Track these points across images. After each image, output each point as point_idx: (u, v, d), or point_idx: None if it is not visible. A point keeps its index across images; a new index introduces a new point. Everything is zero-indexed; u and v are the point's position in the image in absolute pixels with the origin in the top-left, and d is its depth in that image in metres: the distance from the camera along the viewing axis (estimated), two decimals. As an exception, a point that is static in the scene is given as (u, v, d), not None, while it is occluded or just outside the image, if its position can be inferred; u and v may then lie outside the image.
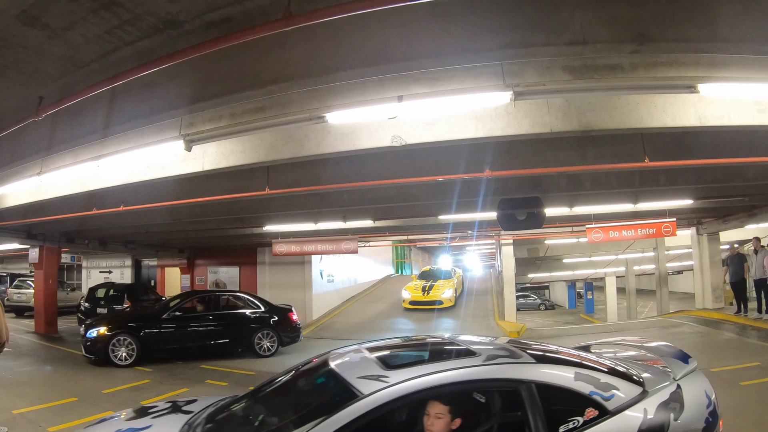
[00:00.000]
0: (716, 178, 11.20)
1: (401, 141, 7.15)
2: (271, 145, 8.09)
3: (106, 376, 12.10)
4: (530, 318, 41.25)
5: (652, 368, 4.67)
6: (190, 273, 28.08)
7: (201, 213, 14.11)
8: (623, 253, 31.81)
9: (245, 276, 26.34)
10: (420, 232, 21.96)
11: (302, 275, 24.18)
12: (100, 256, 30.72)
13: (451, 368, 3.98)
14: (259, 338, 15.13)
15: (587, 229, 16.53)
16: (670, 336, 15.80)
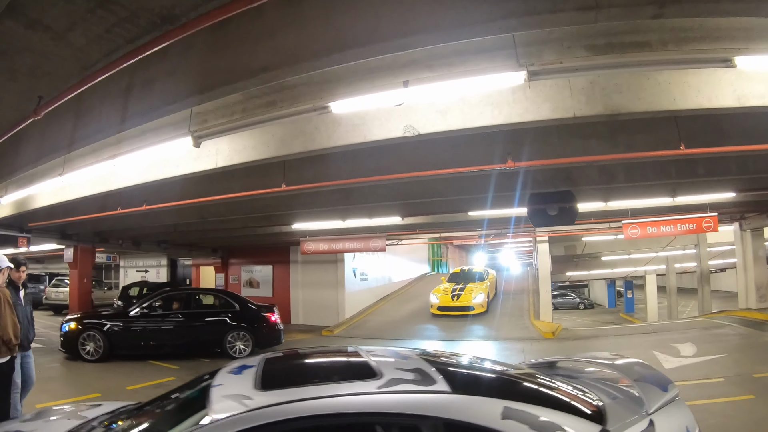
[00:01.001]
0: (760, 167, 10.53)
1: (414, 131, 6.81)
2: (281, 139, 7.95)
3: (132, 374, 12.29)
4: (568, 317, 40.77)
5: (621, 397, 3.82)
6: (224, 272, 28.26)
7: (226, 212, 14.09)
8: (663, 250, 31.02)
9: (278, 275, 26.34)
10: (452, 229, 21.48)
11: (335, 274, 24.09)
12: (136, 256, 31.58)
13: (331, 394, 3.21)
14: (232, 339, 14.66)
15: (623, 224, 15.83)
16: (711, 337, 15.37)
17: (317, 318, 23.53)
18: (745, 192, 13.96)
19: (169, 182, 9.94)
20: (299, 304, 25.03)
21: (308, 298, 24.78)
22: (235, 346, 14.57)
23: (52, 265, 33.98)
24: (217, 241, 25.09)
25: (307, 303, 24.72)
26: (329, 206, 13.12)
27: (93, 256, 22.13)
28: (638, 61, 5.34)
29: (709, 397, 9.11)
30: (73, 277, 21.46)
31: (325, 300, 23.83)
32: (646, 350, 13.79)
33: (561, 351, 15.02)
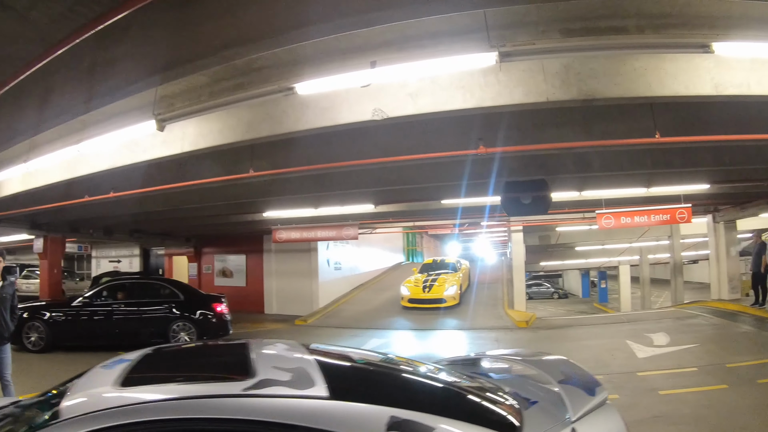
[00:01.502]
0: (735, 159, 10.52)
1: (383, 114, 6.63)
2: (248, 123, 7.77)
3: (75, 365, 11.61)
4: (543, 307, 41.06)
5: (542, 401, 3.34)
6: (197, 261, 27.90)
7: (197, 199, 13.82)
8: (637, 241, 31.29)
9: (251, 264, 26.05)
10: (426, 218, 21.35)
11: (308, 263, 23.86)
12: (108, 246, 31.15)
13: (184, 396, 2.74)
14: (176, 330, 14.19)
15: (597, 214, 15.77)
16: (684, 327, 15.44)
17: (291, 307, 23.32)
18: (719, 184, 13.96)
19: (137, 168, 9.73)
20: (273, 294, 24.79)
21: (282, 288, 24.54)
22: (179, 337, 14.12)
23: (24, 256, 33.41)
24: (190, 230, 24.78)
25: (280, 292, 24.47)
26: (301, 193, 12.85)
27: (63, 246, 21.72)
28: (615, 44, 5.23)
29: (683, 386, 9.14)
30: (43, 267, 21.13)
31: (298, 289, 23.62)
32: (619, 339, 13.85)
33: (535, 340, 15.10)
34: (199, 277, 27.34)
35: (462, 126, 8.08)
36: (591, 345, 13.87)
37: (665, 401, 8.42)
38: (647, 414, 7.86)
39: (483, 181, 11.25)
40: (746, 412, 7.71)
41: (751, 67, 6.17)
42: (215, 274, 27.14)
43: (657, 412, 7.94)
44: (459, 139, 8.24)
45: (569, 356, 11.38)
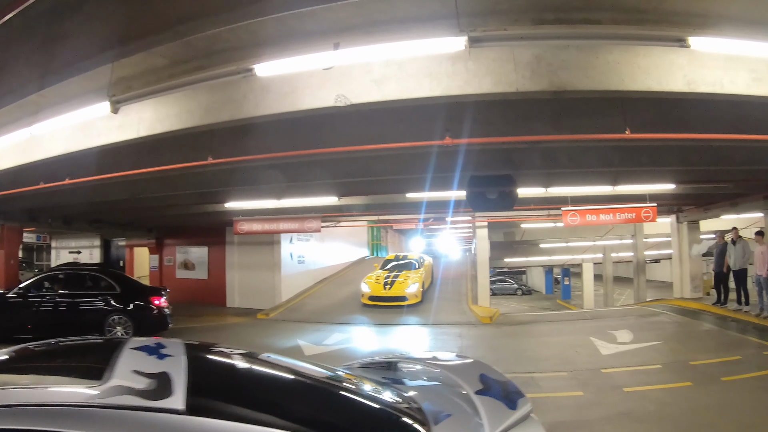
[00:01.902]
0: (702, 160, 10.56)
1: (346, 100, 6.38)
2: (207, 108, 7.47)
3: None
4: (506, 303, 41.20)
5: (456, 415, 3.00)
6: (159, 253, 27.37)
7: (157, 188, 13.39)
8: (601, 239, 31.54)
9: (214, 256, 25.59)
10: (390, 211, 21.02)
11: (271, 256, 23.50)
12: (68, 237, 30.63)
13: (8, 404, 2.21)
14: (112, 323, 13.69)
15: (563, 211, 15.69)
16: (647, 325, 15.56)
17: (253, 301, 22.97)
18: (685, 184, 14.06)
19: (92, 154, 9.32)
20: (235, 287, 24.39)
21: (244, 281, 24.17)
22: (114, 331, 13.59)
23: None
24: (151, 220, 24.29)
25: (243, 285, 24.10)
26: (264, 184, 12.61)
27: (20, 235, 21.13)
28: (588, 34, 5.12)
29: (647, 383, 9.15)
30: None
31: (261, 283, 23.29)
32: (583, 336, 13.85)
33: (498, 336, 15.03)
34: (161, 269, 26.91)
35: (429, 116, 7.83)
36: (555, 342, 13.88)
37: (630, 398, 8.40)
38: (612, 411, 7.83)
39: (448, 175, 11.04)
40: (711, 410, 7.72)
41: (725, 65, 6.09)
42: (177, 267, 26.64)
43: (622, 409, 7.91)
44: (425, 130, 8.00)
45: (534, 353, 11.38)
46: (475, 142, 7.99)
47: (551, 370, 10.52)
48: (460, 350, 12.88)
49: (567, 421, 7.43)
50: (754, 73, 6.13)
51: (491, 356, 12.20)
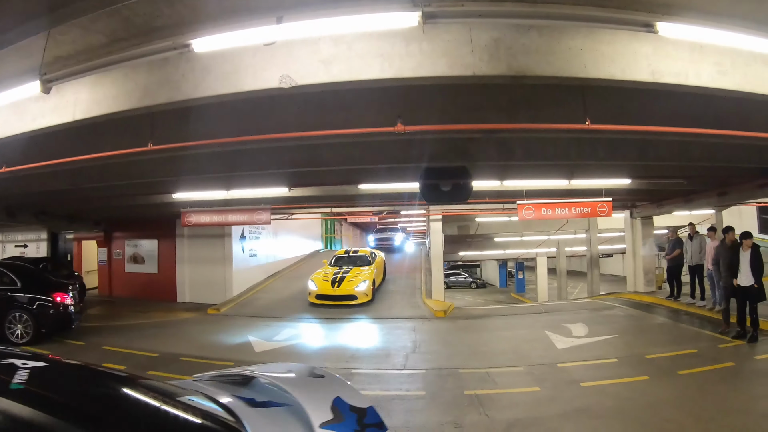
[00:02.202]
0: (659, 155, 10.44)
1: (291, 81, 6.00)
2: (145, 88, 7.02)
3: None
4: (461, 296, 41.42)
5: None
6: (107, 246, 26.69)
7: (100, 177, 12.78)
8: (555, 233, 31.74)
9: (164, 250, 25.02)
10: (343, 204, 20.45)
11: (222, 249, 23.06)
12: (15, 230, 29.88)
13: None
14: (12, 321, 13.02)
15: (518, 205, 15.41)
16: (601, 318, 15.61)
17: (204, 295, 22.50)
18: (641, 179, 14.09)
19: (27, 139, 8.83)
20: (185, 281, 23.91)
21: (195, 275, 23.70)
22: (14, 330, 12.97)
23: None
24: (98, 212, 23.61)
25: (193, 279, 23.63)
26: (211, 173, 12.10)
27: None
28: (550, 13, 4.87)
29: (604, 378, 9.09)
30: None
31: (212, 276, 22.86)
32: (538, 330, 13.82)
33: (453, 330, 14.92)
34: (109, 263, 26.34)
35: (380, 101, 7.52)
36: (509, 336, 13.72)
37: (587, 393, 8.30)
38: (569, 407, 7.71)
39: (402, 166, 10.84)
40: (669, 404, 7.64)
41: (690, 57, 5.94)
42: (126, 260, 25.96)
43: (579, 404, 7.79)
44: (376, 117, 7.60)
45: (488, 348, 11.20)
46: (428, 129, 7.64)
47: (507, 365, 10.39)
48: (414, 345, 12.78)
49: (523, 419, 7.28)
50: (718, 66, 6.01)
51: (445, 351, 12.19)
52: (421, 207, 20.91)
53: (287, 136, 7.90)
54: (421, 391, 8.85)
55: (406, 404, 8.19)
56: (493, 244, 37.04)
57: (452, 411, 7.79)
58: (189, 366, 11.09)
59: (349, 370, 10.39)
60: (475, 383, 9.18)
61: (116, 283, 25.98)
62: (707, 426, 6.77)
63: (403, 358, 11.42)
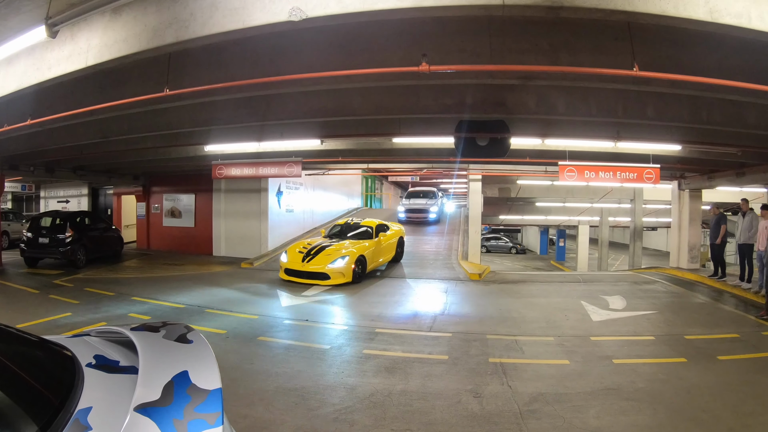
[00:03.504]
0: (712, 118, 9.73)
1: (301, 14, 5.55)
2: (154, 29, 6.76)
3: (26, 310, 11.55)
4: (499, 261, 41.26)
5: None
6: (146, 201, 27.09)
7: (129, 129, 12.87)
8: (599, 201, 30.97)
9: (200, 204, 25.26)
10: (378, 159, 19.92)
11: (258, 204, 23.06)
12: (57, 186, 31.07)
13: None
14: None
15: (560, 166, 14.73)
16: (641, 292, 14.88)
17: (239, 250, 22.78)
18: (691, 144, 13.32)
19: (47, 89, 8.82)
20: (221, 235, 24.09)
21: (231, 229, 23.81)
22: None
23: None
24: (136, 167, 23.74)
25: (229, 234, 23.75)
26: (239, 123, 11.79)
27: (1, 184, 20.63)
28: None
29: (638, 356, 8.60)
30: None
31: (247, 231, 22.93)
32: (574, 300, 13.40)
33: (485, 294, 14.55)
34: (148, 218, 26.81)
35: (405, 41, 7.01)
36: (544, 303, 13.26)
37: (619, 371, 7.78)
38: (599, 385, 7.21)
39: (436, 117, 10.42)
40: (706, 391, 7.02)
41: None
42: (164, 215, 26.42)
43: (610, 383, 7.28)
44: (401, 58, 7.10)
45: (520, 314, 10.77)
46: (455, 69, 7.00)
47: (537, 334, 9.98)
48: (444, 306, 12.52)
49: (547, 393, 6.83)
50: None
51: (475, 314, 11.86)
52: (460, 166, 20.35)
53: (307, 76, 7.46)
54: (444, 356, 8.50)
55: (425, 368, 7.86)
56: (535, 209, 36.51)
57: (473, 379, 7.41)
58: (212, 317, 11.16)
59: (373, 329, 10.19)
60: (501, 351, 8.79)
61: (154, 237, 26.47)
62: (746, 421, 6.12)
63: (430, 320, 11.12)
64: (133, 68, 8.29)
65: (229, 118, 11.57)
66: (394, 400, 6.54)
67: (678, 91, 8.31)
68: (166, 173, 25.43)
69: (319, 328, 10.29)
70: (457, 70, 6.89)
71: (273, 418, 5.98)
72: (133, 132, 13.08)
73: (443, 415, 6.12)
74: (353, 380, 7.28)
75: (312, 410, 6.21)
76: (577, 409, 6.33)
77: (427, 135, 13.03)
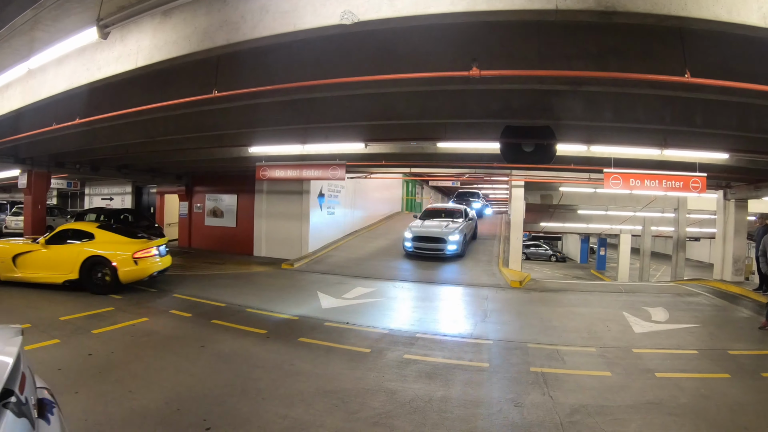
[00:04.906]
0: (763, 126, 9.47)
1: (353, 17, 5.55)
2: (204, 31, 6.88)
3: (69, 303, 11.78)
4: (539, 268, 40.91)
5: None
6: (189, 200, 27.59)
7: (174, 129, 13.14)
8: (642, 210, 30.49)
9: (242, 204, 25.55)
10: (421, 163, 20.18)
11: (300, 206, 23.27)
12: (101, 183, 31.92)
13: None
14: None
15: (605, 173, 14.47)
16: (684, 305, 14.53)
17: (280, 251, 22.98)
18: (739, 153, 13.11)
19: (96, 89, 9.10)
20: (262, 236, 24.33)
21: (272, 230, 24.02)
22: None
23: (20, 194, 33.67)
24: (179, 166, 24.22)
25: (270, 234, 23.96)
26: (284, 125, 12.02)
27: (48, 181, 21.48)
28: None
29: (681, 370, 8.39)
30: (27, 203, 20.93)
31: (288, 232, 23.11)
32: (615, 310, 13.19)
33: (526, 302, 14.42)
34: (190, 217, 27.27)
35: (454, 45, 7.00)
36: (585, 313, 13.06)
37: (661, 385, 7.62)
38: (641, 398, 7.07)
39: (481, 122, 10.48)
40: (749, 410, 6.82)
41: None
42: (206, 214, 26.83)
43: (652, 397, 7.13)
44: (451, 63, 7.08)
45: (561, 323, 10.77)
46: (507, 74, 6.96)
47: (578, 344, 9.84)
48: (484, 313, 12.42)
49: (589, 405, 6.74)
50: None
51: (516, 322, 11.77)
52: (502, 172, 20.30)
53: (354, 80, 7.50)
54: (485, 363, 8.44)
55: (466, 375, 7.82)
56: (576, 217, 36.19)
57: (514, 388, 7.35)
58: (252, 317, 11.26)
59: (413, 334, 10.20)
60: (543, 360, 8.70)
61: (195, 236, 26.85)
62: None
63: (471, 326, 11.06)
64: (179, 70, 8.38)
65: (274, 120, 11.72)
66: (435, 406, 6.52)
67: (727, 98, 8.20)
68: (208, 173, 25.87)
69: (359, 331, 10.30)
70: (507, 75, 6.84)
71: (312, 419, 5.99)
72: (179, 132, 13.31)
73: (484, 423, 6.08)
74: (393, 385, 7.27)
75: (352, 413, 6.21)
76: (619, 422, 6.23)
77: (472, 140, 12.95)
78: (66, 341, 8.84)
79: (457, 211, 23.66)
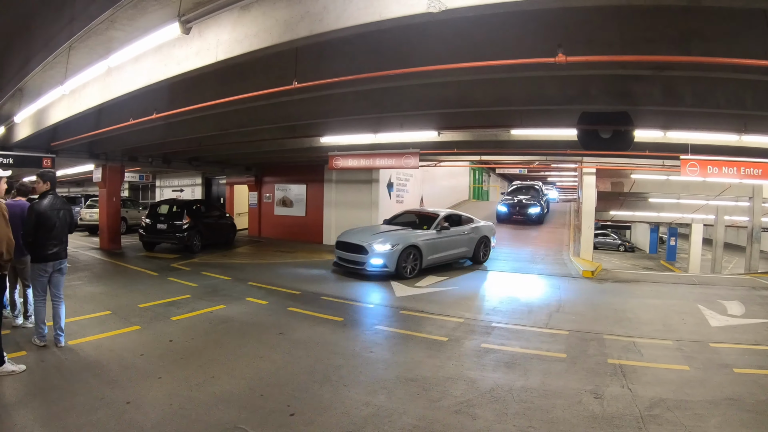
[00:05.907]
0: None
1: (440, 5, 5.44)
2: (285, 23, 6.84)
3: (147, 291, 12.44)
4: (607, 258, 40.26)
5: None
6: (258, 190, 28.25)
7: (247, 121, 13.47)
8: (715, 198, 29.44)
9: (312, 194, 26.08)
10: (493, 150, 19.99)
11: (369, 195, 23.75)
12: (171, 175, 32.75)
13: None
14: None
15: (682, 160, 14.08)
16: (760, 299, 13.91)
17: None
18: (822, 138, 12.42)
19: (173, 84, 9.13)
20: (332, 224, 24.76)
21: (341, 219, 24.31)
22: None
23: (92, 188, 35.24)
24: (248, 158, 24.62)
25: (339, 223, 24.03)
26: (357, 114, 12.00)
27: (122, 174, 22.48)
28: None
29: (760, 366, 8.14)
30: (102, 196, 21.90)
31: (358, 221, 23.00)
32: (689, 303, 12.89)
33: (599, 292, 14.30)
34: (259, 206, 27.97)
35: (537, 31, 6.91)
36: (659, 305, 12.76)
37: (740, 381, 7.41)
38: (719, 394, 6.91)
39: (557, 108, 10.34)
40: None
41: None
42: (275, 204, 27.43)
43: (730, 393, 6.95)
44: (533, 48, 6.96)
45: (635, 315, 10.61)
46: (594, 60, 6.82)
47: (654, 337, 9.64)
48: (558, 303, 12.34)
49: (668, 399, 6.62)
50: None
51: (590, 313, 11.58)
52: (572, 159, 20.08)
53: (434, 68, 7.44)
54: (562, 353, 8.39)
55: (544, 365, 7.80)
56: (647, 205, 35.39)
57: (593, 379, 7.28)
58: (327, 304, 11.46)
59: (489, 323, 10.20)
60: (619, 352, 8.58)
61: (265, 225, 27.49)
62: None
63: (546, 316, 10.99)
64: (255, 62, 8.37)
65: (348, 110, 11.76)
66: (515, 396, 6.52)
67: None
68: (277, 164, 26.25)
69: (435, 320, 10.33)
70: (593, 61, 6.74)
71: (395, 407, 6.06)
72: (252, 124, 13.55)
73: (564, 414, 6.06)
74: (473, 373, 7.30)
75: (434, 401, 6.27)
76: (698, 417, 6.11)
77: (547, 127, 12.80)
78: (146, 327, 9.23)
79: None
